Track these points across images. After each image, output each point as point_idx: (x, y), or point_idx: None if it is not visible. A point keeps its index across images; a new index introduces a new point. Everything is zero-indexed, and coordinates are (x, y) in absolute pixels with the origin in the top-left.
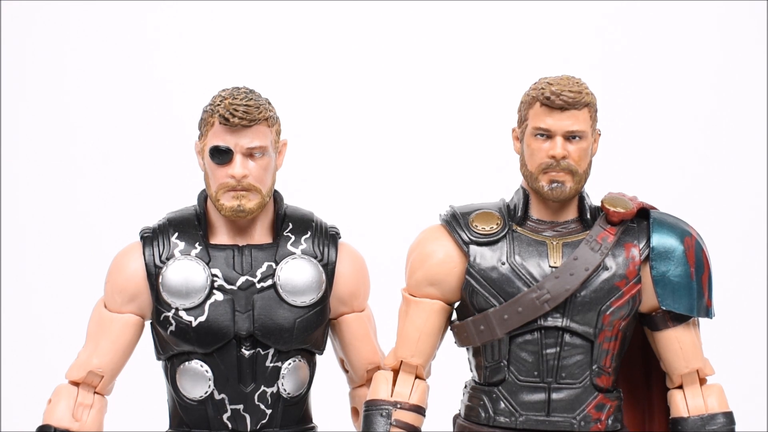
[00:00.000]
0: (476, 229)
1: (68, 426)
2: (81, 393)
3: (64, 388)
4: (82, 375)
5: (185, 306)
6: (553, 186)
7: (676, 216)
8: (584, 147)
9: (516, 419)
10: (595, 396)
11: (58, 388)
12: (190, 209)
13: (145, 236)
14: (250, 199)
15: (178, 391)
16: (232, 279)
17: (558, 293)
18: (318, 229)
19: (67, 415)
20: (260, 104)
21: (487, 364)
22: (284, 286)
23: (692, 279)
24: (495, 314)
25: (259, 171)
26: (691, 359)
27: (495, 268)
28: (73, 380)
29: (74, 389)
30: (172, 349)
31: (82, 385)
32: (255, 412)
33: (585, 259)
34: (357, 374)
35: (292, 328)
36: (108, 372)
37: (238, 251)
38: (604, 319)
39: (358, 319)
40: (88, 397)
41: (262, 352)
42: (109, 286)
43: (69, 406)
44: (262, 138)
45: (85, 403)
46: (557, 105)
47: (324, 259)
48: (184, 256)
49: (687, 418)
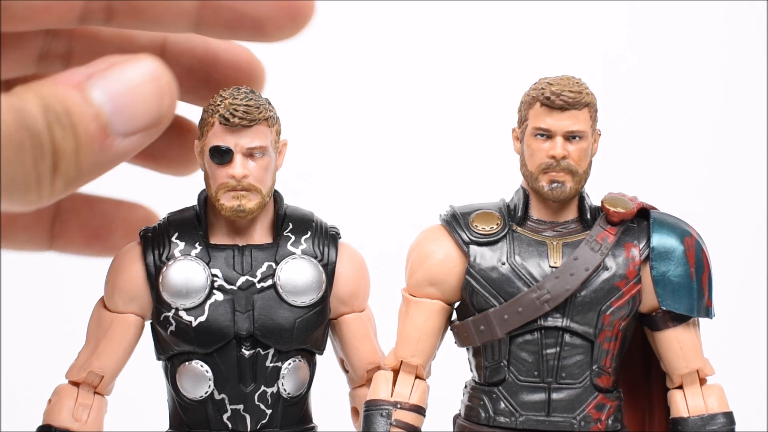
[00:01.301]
0: (476, 229)
1: (68, 426)
2: (81, 393)
3: (64, 388)
4: (83, 375)
5: (185, 306)
6: (553, 186)
7: (676, 216)
8: (584, 147)
9: (516, 419)
10: (595, 396)
11: (59, 388)
12: (190, 209)
13: (145, 236)
14: (250, 199)
15: (178, 392)
16: (232, 279)
17: (558, 293)
18: (318, 229)
19: (68, 415)
20: (260, 104)
21: (487, 364)
22: (284, 286)
23: (692, 279)
24: (495, 314)
25: (259, 171)
26: (691, 359)
27: (495, 268)
28: (74, 380)
29: (74, 389)
30: (172, 350)
31: (82, 386)
32: (255, 412)
33: (585, 259)
34: (357, 374)
35: (292, 328)
36: (108, 372)
37: (239, 251)
38: (604, 319)
39: (358, 320)
40: (88, 398)
41: (262, 352)
42: (109, 286)
43: (69, 407)
44: (262, 138)
45: (86, 403)
46: (557, 105)
47: (324, 259)
48: (184, 256)
49: (687, 418)
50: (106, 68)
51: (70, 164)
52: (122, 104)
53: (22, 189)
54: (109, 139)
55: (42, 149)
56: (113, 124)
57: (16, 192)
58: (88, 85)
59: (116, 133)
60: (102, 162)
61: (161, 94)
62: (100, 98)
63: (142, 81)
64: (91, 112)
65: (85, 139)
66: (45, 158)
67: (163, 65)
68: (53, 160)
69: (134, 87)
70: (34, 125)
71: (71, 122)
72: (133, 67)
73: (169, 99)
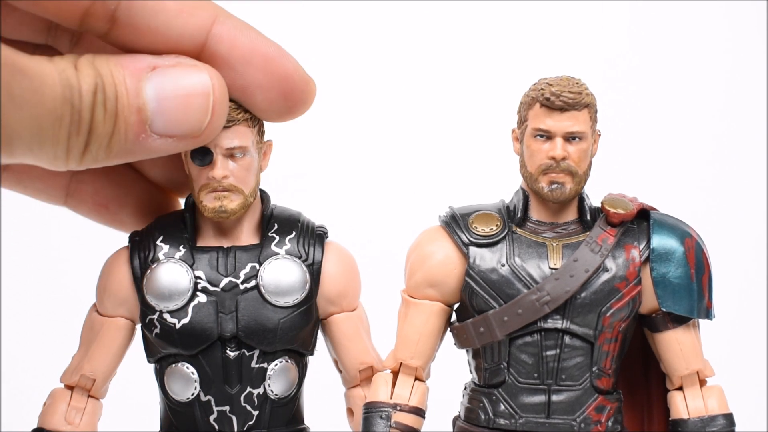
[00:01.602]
0: (476, 230)
1: (60, 429)
2: (75, 396)
3: (58, 391)
4: (75, 379)
5: (169, 308)
6: (553, 187)
7: (676, 217)
8: (584, 148)
9: (516, 421)
10: (595, 398)
11: (53, 391)
12: (177, 213)
13: (132, 240)
14: (232, 200)
15: (167, 394)
16: (215, 281)
17: (558, 295)
18: (304, 228)
19: (60, 418)
20: (239, 105)
21: (487, 366)
22: (267, 287)
23: (692, 280)
24: (495, 316)
25: (240, 171)
26: (691, 361)
27: (495, 269)
28: (68, 384)
29: (68, 393)
30: (159, 352)
31: (75, 389)
32: (241, 413)
33: (585, 260)
34: (349, 374)
35: (276, 329)
36: (100, 375)
37: (223, 253)
38: (604, 320)
39: (348, 319)
40: (81, 401)
41: (247, 354)
42: (99, 291)
43: (62, 410)
44: (242, 138)
45: (78, 406)
46: (557, 106)
47: (309, 258)
48: (168, 258)
49: (687, 419)
50: (171, 66)
51: (102, 146)
52: (166, 108)
53: (51, 156)
54: (145, 133)
55: (80, 126)
56: (153, 122)
57: (44, 156)
58: (147, 76)
59: (153, 130)
60: (132, 151)
61: (206, 110)
62: (149, 94)
63: (193, 92)
64: (137, 103)
65: (122, 127)
66: (80, 134)
67: (221, 82)
68: (87, 138)
69: (184, 95)
70: (79, 103)
71: (115, 108)
72: (191, 74)
73: (214, 116)
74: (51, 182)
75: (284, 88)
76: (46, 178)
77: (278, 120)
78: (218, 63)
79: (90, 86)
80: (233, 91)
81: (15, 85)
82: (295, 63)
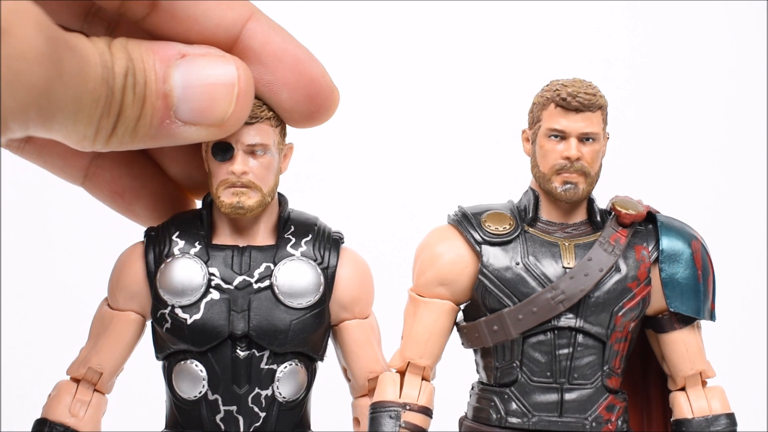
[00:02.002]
0: (489, 229)
1: (64, 420)
2: (80, 389)
3: (64, 383)
4: (82, 371)
5: (181, 303)
6: (567, 187)
7: (680, 219)
8: (597, 149)
9: (528, 420)
10: (606, 397)
11: (59, 383)
12: (195, 211)
13: (148, 235)
14: (250, 197)
15: (174, 391)
16: (229, 278)
17: (573, 293)
18: (320, 233)
19: (65, 410)
20: (263, 103)
21: (498, 365)
22: (281, 287)
23: (699, 282)
24: (509, 314)
25: (260, 169)
26: (696, 361)
27: (509, 268)
28: (74, 376)
29: (74, 385)
30: (169, 348)
31: (81, 382)
32: (248, 414)
33: (599, 260)
34: (358, 383)
35: (288, 330)
36: (107, 369)
37: (238, 251)
38: (616, 320)
39: (360, 326)
40: (86, 394)
41: (257, 354)
42: (111, 284)
43: (67, 402)
44: (264, 135)
45: (84, 399)
46: (573, 106)
47: (324, 262)
48: (183, 254)
49: (691, 419)
50: (200, 55)
51: (128, 129)
52: (191, 95)
53: (81, 135)
54: (169, 119)
55: (110, 107)
56: (178, 109)
57: (75, 135)
58: (175, 63)
59: (178, 117)
60: (157, 137)
61: (230, 100)
62: (177, 80)
63: (218, 81)
64: (164, 89)
65: (148, 111)
66: (110, 116)
67: (248, 74)
68: (116, 120)
69: (208, 84)
70: (113, 84)
71: (144, 92)
72: (218, 65)
73: (238, 107)
74: (72, 161)
75: (310, 91)
76: (68, 156)
77: (300, 124)
78: (249, 57)
79: (122, 69)
80: (260, 85)
81: (66, 62)
82: (323, 69)
